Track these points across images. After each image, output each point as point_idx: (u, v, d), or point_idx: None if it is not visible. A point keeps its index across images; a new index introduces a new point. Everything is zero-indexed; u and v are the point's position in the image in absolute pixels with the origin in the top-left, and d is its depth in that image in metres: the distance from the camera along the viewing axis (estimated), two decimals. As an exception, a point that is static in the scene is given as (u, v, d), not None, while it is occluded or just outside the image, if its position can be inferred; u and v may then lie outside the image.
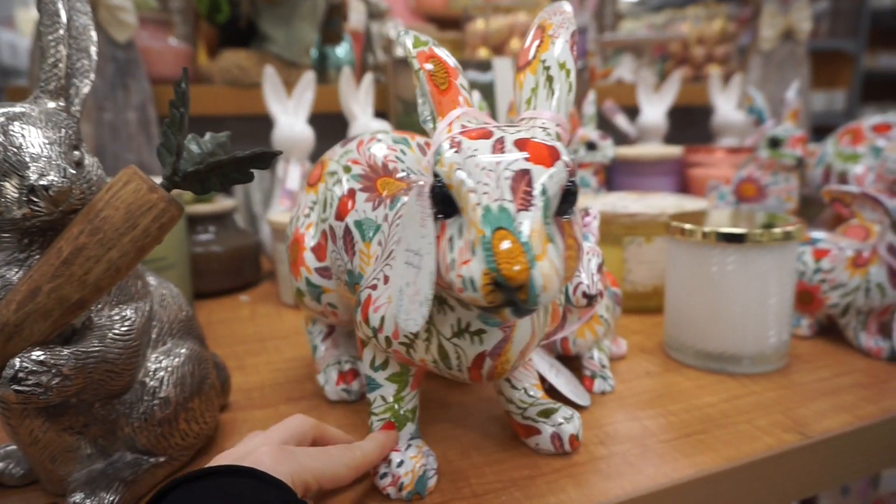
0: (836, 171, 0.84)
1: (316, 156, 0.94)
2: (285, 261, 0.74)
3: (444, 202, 0.29)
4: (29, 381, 0.30)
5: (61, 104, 0.35)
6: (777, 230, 0.50)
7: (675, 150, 1.05)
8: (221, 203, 0.82)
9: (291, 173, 0.84)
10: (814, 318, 0.61)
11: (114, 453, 0.38)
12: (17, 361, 0.30)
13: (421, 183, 0.32)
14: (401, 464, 0.37)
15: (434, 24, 1.56)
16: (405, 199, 0.38)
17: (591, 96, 0.90)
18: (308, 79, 0.88)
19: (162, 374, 0.38)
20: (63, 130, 0.33)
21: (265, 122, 0.90)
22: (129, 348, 0.35)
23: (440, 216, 0.29)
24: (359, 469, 0.35)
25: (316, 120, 0.91)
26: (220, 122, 1.00)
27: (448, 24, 1.62)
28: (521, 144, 0.28)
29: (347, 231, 0.41)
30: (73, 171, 0.33)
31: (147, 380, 0.37)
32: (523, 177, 0.27)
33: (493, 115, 1.07)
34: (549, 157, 0.28)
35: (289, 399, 0.50)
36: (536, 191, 0.27)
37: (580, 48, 1.42)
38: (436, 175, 0.29)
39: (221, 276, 0.79)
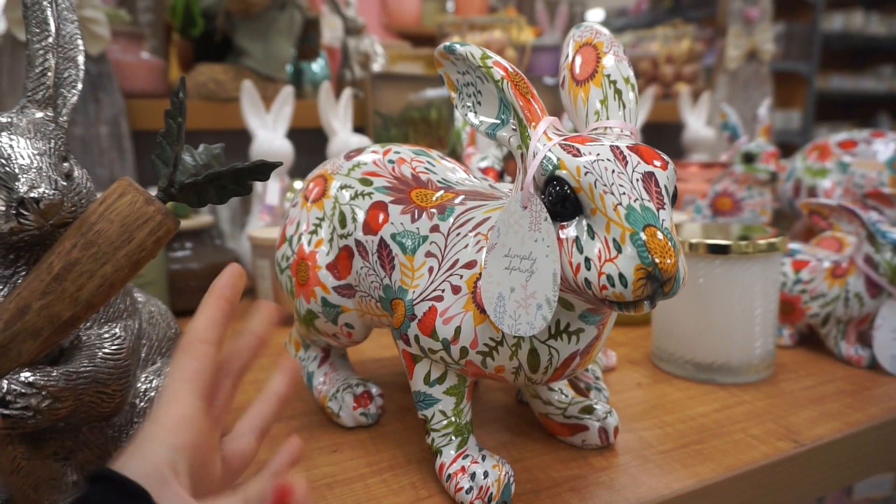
0: (806, 185, 0.87)
1: (295, 171, 0.93)
2: (267, 277, 0.72)
3: (565, 206, 0.30)
4: (17, 405, 0.29)
5: (49, 114, 0.34)
6: (762, 241, 0.51)
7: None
8: (199, 219, 0.80)
9: (271, 188, 0.83)
10: (795, 328, 0.62)
11: (101, 479, 0.36)
12: (3, 383, 0.29)
13: (531, 191, 0.32)
14: (486, 475, 0.36)
15: (407, 41, 1.57)
16: (478, 206, 0.38)
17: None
18: (287, 93, 0.87)
19: (153, 394, 0.36)
20: (52, 141, 0.32)
21: (242, 137, 0.89)
22: (121, 368, 0.34)
23: (556, 220, 0.30)
24: None
25: (292, 135, 0.90)
26: (195, 137, 0.97)
27: (420, 41, 1.63)
28: (634, 150, 0.30)
29: (383, 245, 0.40)
30: (64, 183, 0.31)
31: (137, 401, 0.36)
32: (650, 178, 0.29)
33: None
34: (662, 160, 0.30)
35: (280, 419, 0.49)
36: (663, 190, 0.29)
37: (554, 65, 1.45)
38: (556, 179, 0.30)
39: (199, 293, 0.75)
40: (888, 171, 0.80)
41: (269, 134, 0.86)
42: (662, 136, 1.35)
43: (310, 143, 0.97)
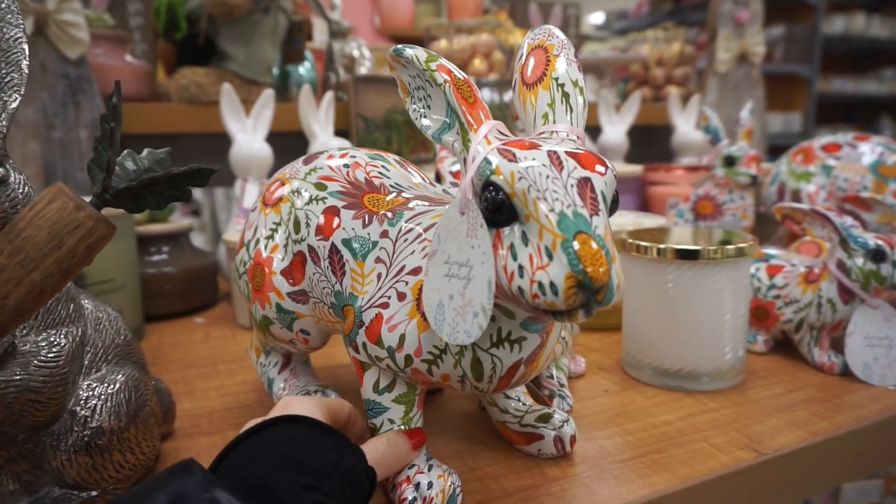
0: (790, 189, 0.86)
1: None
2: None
3: (501, 211, 0.29)
4: (-61, 414, 0.28)
5: (-14, 119, 0.33)
6: (730, 247, 0.51)
7: (635, 169, 1.07)
8: (176, 222, 0.80)
9: (249, 192, 0.83)
10: (769, 334, 0.61)
11: (40, 488, 0.35)
12: (-74, 392, 0.28)
13: (469, 196, 0.31)
14: (430, 485, 0.36)
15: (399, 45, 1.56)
16: (426, 212, 0.38)
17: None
18: (267, 97, 0.86)
19: (94, 402, 0.36)
20: (-14, 146, 0.32)
21: (224, 140, 0.89)
22: (56, 376, 0.33)
23: (493, 226, 0.30)
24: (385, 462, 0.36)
25: (277, 138, 0.89)
26: (177, 140, 0.98)
27: (413, 44, 1.62)
28: (572, 155, 0.29)
29: (334, 250, 0.40)
30: (-5, 189, 0.31)
31: (78, 409, 0.35)
32: (586, 184, 0.29)
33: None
34: (602, 165, 0.30)
35: (237, 425, 0.48)
36: (599, 196, 0.29)
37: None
38: (491, 185, 0.29)
39: (175, 297, 0.76)
40: (871, 175, 0.79)
41: (249, 137, 0.85)
42: (652, 138, 1.35)
43: (292, 147, 0.97)
